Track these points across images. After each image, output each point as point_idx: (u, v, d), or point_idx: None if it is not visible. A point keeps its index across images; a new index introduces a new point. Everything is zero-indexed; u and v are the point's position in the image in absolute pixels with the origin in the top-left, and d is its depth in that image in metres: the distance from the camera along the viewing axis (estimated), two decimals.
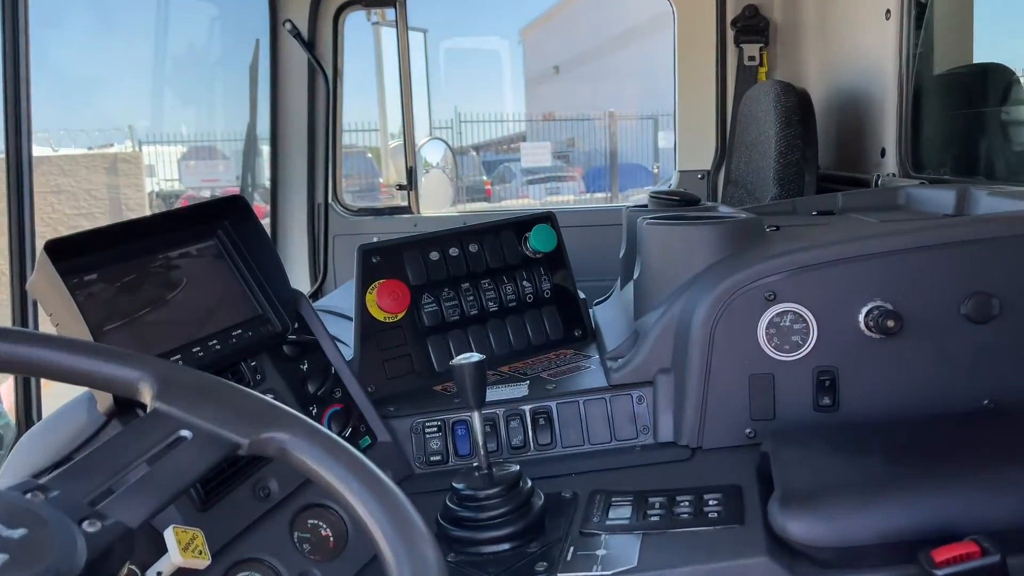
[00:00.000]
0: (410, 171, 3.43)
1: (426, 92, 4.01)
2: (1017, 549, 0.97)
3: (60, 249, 1.06)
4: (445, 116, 14.50)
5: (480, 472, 1.22)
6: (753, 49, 3.32)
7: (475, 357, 1.21)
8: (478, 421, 1.22)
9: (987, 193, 1.68)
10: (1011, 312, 1.30)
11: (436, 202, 3.56)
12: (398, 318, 1.59)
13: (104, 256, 1.14)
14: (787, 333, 1.33)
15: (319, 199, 3.38)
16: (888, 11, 2.41)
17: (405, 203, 3.46)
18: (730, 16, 3.34)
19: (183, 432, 0.73)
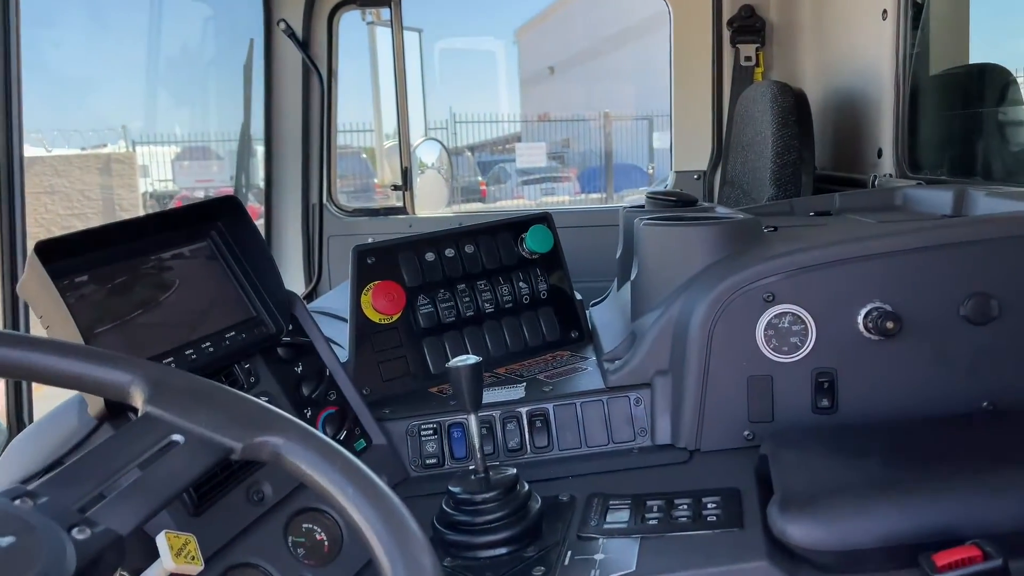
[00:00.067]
0: (405, 171, 3.42)
1: (421, 92, 4.00)
2: (1019, 553, 0.96)
3: (50, 250, 1.05)
4: (440, 117, 14.52)
5: (476, 475, 1.21)
6: (749, 49, 3.32)
7: (471, 359, 1.20)
8: (474, 424, 1.21)
9: (985, 194, 1.68)
10: (1011, 313, 1.30)
11: (431, 203, 3.55)
12: (393, 320, 1.58)
13: (95, 257, 1.12)
14: (786, 334, 1.32)
15: (313, 199, 3.37)
16: (885, 11, 2.41)
17: (400, 204, 3.45)
18: (726, 16, 3.34)
19: (175, 436, 0.72)
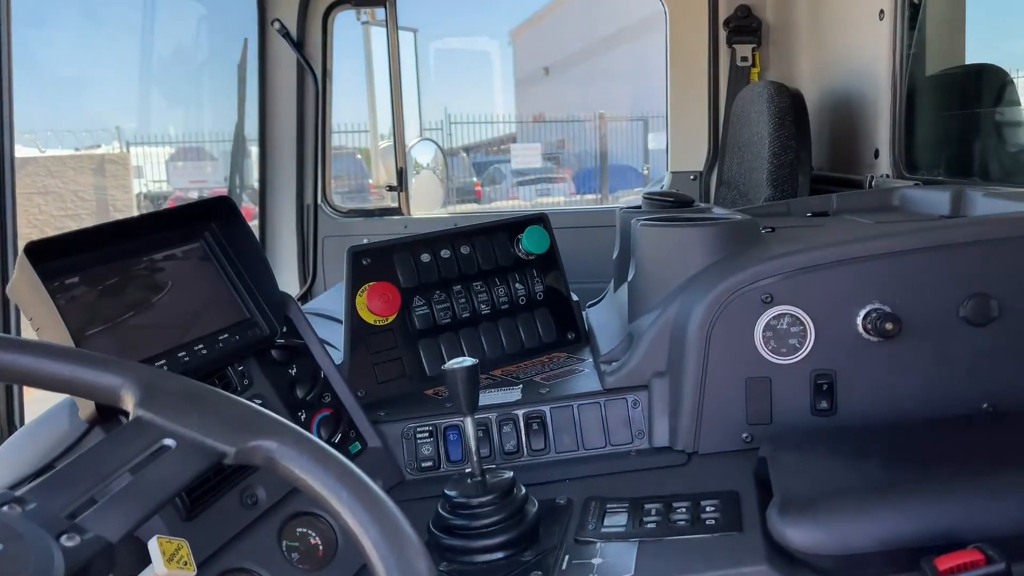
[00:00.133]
0: (400, 172, 3.41)
1: (416, 93, 3.99)
2: (1021, 556, 0.95)
3: (41, 251, 1.04)
4: (435, 117, 14.51)
5: (473, 479, 1.20)
6: (746, 50, 3.32)
7: (468, 361, 1.19)
8: (470, 426, 1.20)
9: (983, 194, 1.67)
10: (1010, 315, 1.29)
11: (427, 203, 3.53)
12: (389, 321, 1.57)
13: (86, 258, 1.11)
14: (784, 336, 1.32)
15: (308, 200, 3.36)
16: (882, 11, 2.40)
17: (395, 204, 3.44)
18: (722, 16, 3.33)
19: (166, 441, 0.71)
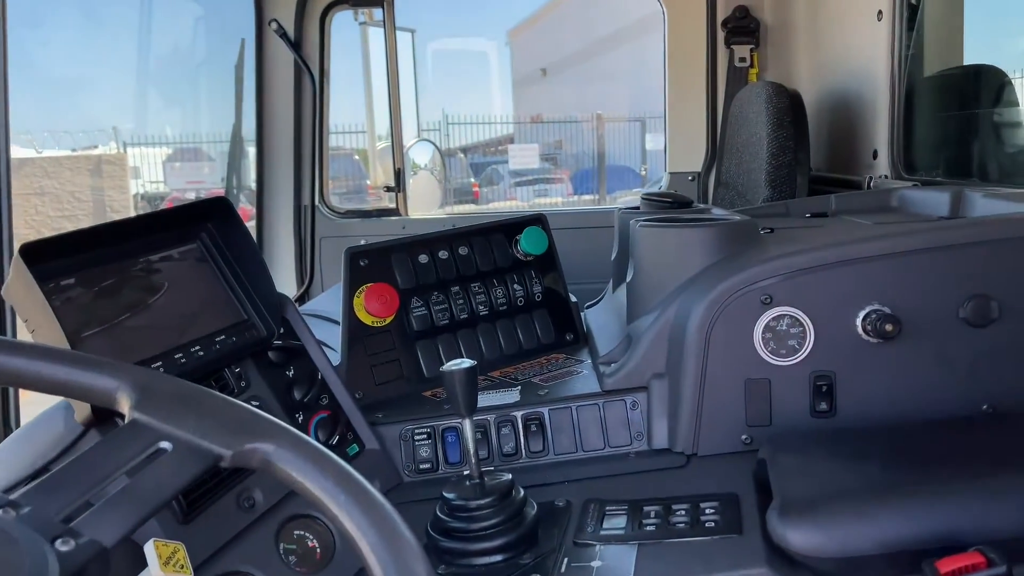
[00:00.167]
0: (398, 173, 3.40)
1: (414, 93, 3.98)
2: (1023, 559, 0.95)
3: (36, 252, 1.03)
4: (432, 118, 14.51)
5: (471, 481, 1.19)
6: (744, 50, 3.32)
7: (466, 362, 1.18)
8: (469, 428, 1.19)
9: (982, 195, 1.67)
10: (1010, 316, 1.28)
11: (424, 204, 3.53)
12: (386, 322, 1.56)
13: (82, 260, 1.10)
14: (784, 337, 1.31)
15: (305, 201, 3.35)
16: (880, 12, 2.40)
17: (393, 205, 3.44)
18: (720, 17, 3.33)
19: (162, 444, 0.70)
